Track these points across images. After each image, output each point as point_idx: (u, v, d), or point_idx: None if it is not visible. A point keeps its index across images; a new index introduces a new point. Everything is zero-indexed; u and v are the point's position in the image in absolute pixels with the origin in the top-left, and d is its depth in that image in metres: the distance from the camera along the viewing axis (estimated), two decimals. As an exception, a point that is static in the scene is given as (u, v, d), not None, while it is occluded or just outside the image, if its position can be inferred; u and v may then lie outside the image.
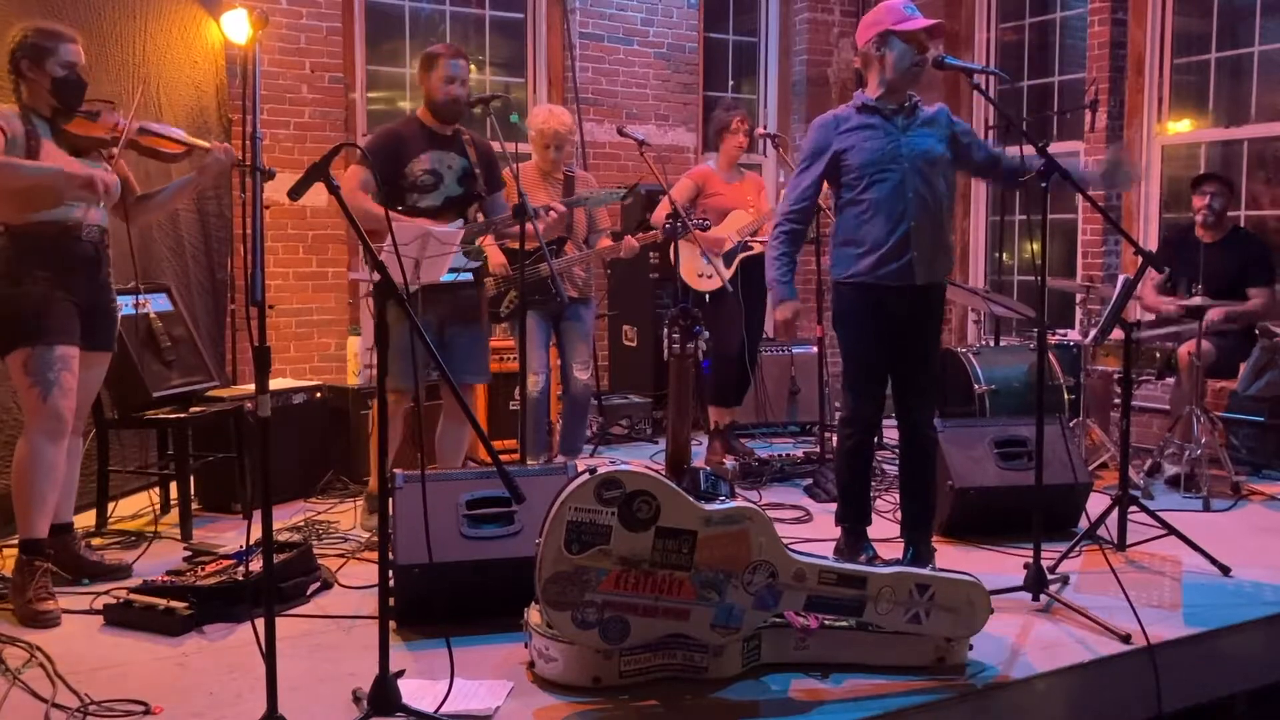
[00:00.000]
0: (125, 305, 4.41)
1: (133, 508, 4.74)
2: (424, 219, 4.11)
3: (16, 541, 3.49)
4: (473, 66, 7.02)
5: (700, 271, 5.44)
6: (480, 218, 4.36)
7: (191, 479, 4.50)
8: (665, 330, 3.13)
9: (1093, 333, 5.16)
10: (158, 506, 4.58)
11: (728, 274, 5.27)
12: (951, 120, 3.80)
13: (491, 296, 5.10)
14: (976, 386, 5.46)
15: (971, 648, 3.07)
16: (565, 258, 5.02)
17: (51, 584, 3.46)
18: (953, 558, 3.95)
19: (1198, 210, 5.61)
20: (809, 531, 4.38)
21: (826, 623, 3.00)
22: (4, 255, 3.42)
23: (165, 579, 3.46)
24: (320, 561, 3.80)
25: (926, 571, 3.07)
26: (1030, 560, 3.51)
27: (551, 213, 4.31)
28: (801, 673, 2.99)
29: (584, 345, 5.20)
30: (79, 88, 3.54)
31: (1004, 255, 7.52)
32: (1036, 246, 3.48)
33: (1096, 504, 4.28)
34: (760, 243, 5.53)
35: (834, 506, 4.00)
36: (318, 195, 2.83)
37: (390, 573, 2.96)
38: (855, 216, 3.70)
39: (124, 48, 4.99)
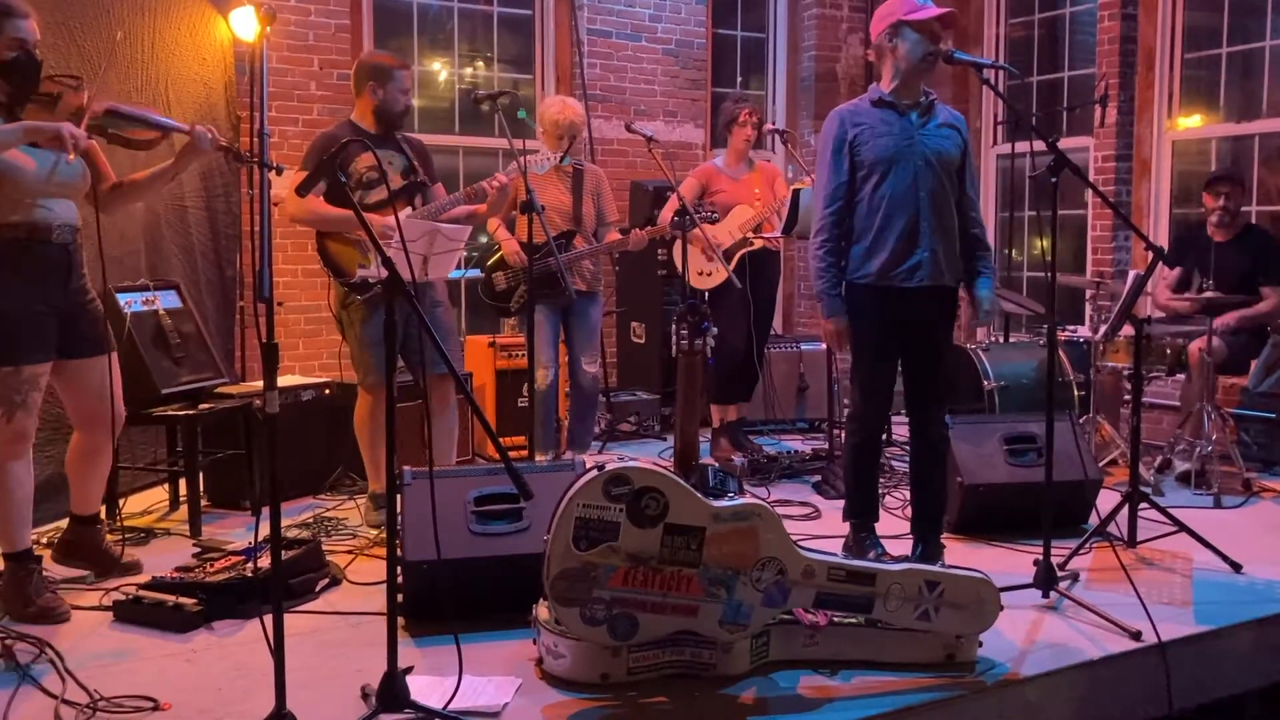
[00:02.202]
0: (135, 302, 4.44)
1: (142, 504, 4.75)
2: (373, 215, 4.11)
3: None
4: (480, 63, 7.09)
5: (700, 269, 5.42)
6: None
7: (200, 475, 4.51)
8: (674, 327, 3.12)
9: (1103, 329, 5.14)
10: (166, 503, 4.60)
11: (730, 268, 5.25)
12: (966, 138, 3.78)
13: (501, 290, 5.10)
14: (986, 383, 5.44)
15: (981, 645, 3.06)
16: (574, 251, 5.02)
17: (49, 584, 3.45)
18: (962, 554, 3.94)
19: (1211, 210, 5.58)
20: (817, 528, 4.38)
21: (835, 620, 3.00)
22: None
23: (174, 575, 3.47)
24: (329, 558, 3.80)
25: (936, 568, 3.07)
26: (1040, 557, 3.50)
27: (494, 185, 4.29)
28: (810, 670, 2.98)
29: (592, 339, 5.21)
30: (32, 70, 3.21)
31: (1013, 251, 7.49)
32: (1046, 242, 3.47)
33: (1107, 501, 4.26)
34: (764, 239, 5.51)
35: (842, 503, 3.99)
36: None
37: (399, 569, 2.96)
38: (866, 214, 3.67)
39: (133, 45, 5.00)
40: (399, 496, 3.28)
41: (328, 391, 5.13)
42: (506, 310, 5.15)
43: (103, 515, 3.89)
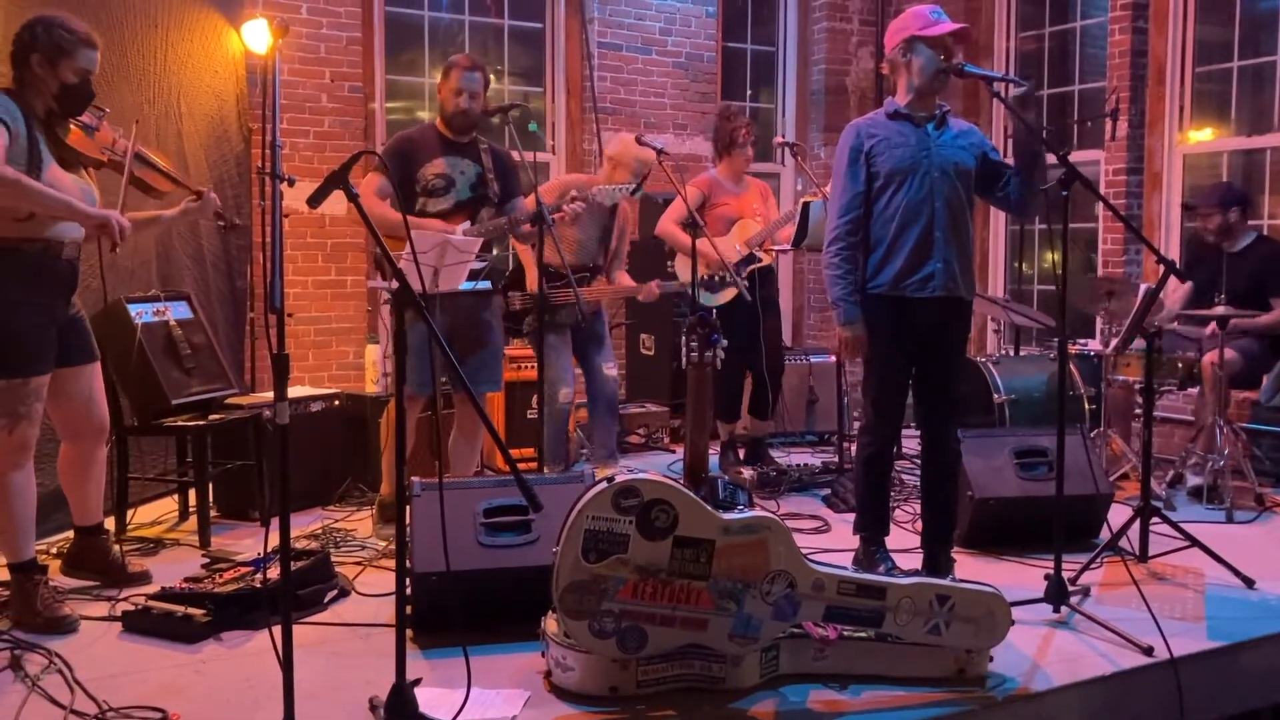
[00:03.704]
0: (146, 313, 4.46)
1: (152, 514, 4.75)
2: (434, 220, 4.14)
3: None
4: (491, 75, 7.11)
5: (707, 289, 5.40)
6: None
7: (210, 486, 4.51)
8: (683, 338, 3.12)
9: (1114, 342, 5.12)
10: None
11: (743, 281, 5.23)
12: (984, 140, 3.79)
13: (515, 311, 5.06)
14: (996, 396, 5.43)
15: (992, 659, 3.05)
16: (593, 287, 5.00)
17: (56, 593, 3.46)
18: (973, 569, 3.92)
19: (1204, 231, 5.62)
20: (827, 541, 4.36)
21: (845, 633, 2.98)
22: None
23: (183, 586, 3.47)
24: (338, 569, 3.80)
25: (946, 582, 3.05)
26: (1051, 571, 3.48)
27: (575, 204, 4.30)
28: (820, 684, 2.97)
29: (604, 345, 5.15)
30: (86, 98, 3.38)
31: (1023, 264, 7.48)
32: (1057, 255, 3.46)
33: (1118, 515, 4.24)
34: (768, 253, 5.48)
35: (852, 516, 3.98)
36: (337, 204, 2.84)
37: (407, 580, 2.95)
38: (881, 224, 3.67)
39: (145, 57, 5.03)
40: (408, 508, 3.28)
41: (337, 403, 5.14)
42: (519, 331, 5.12)
43: (108, 525, 3.89)
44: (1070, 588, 3.53)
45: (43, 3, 4.16)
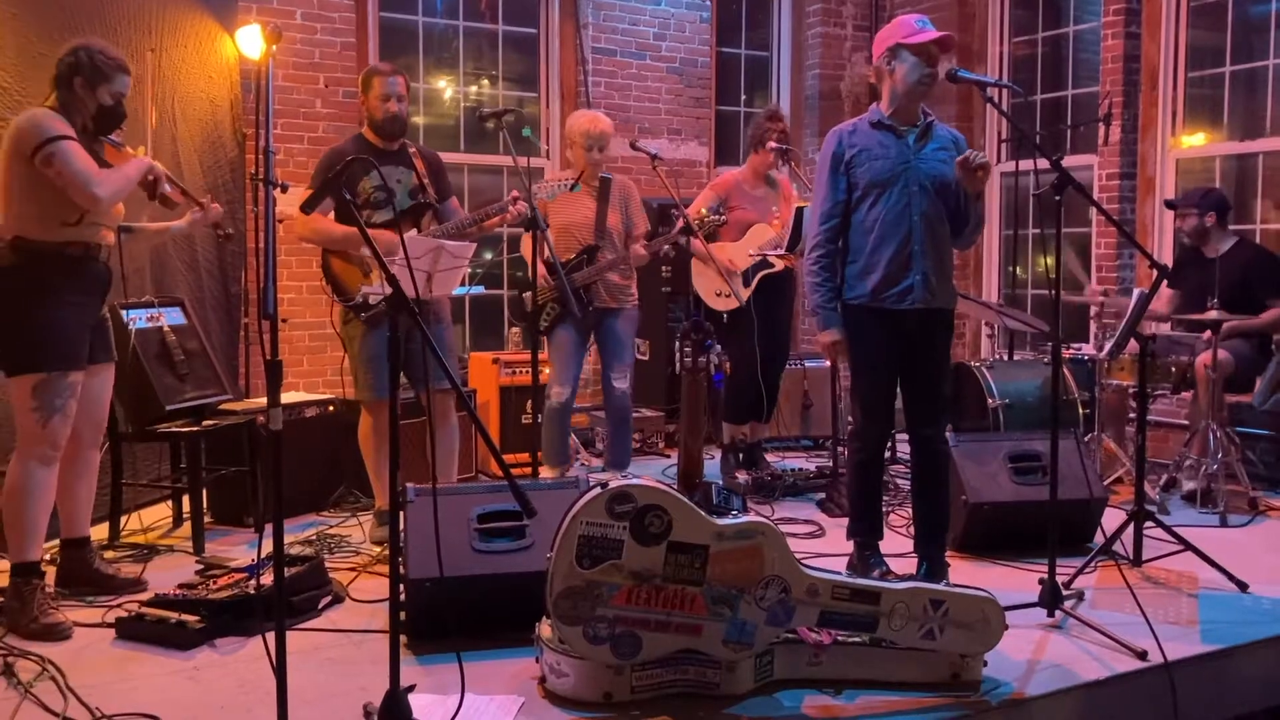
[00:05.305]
0: (140, 319, 4.45)
1: (145, 520, 4.74)
2: (379, 233, 4.13)
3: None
4: (485, 81, 7.12)
5: (718, 291, 5.36)
6: (434, 225, 4.38)
7: (204, 492, 4.51)
8: (677, 344, 3.12)
9: (1108, 346, 5.13)
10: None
11: (745, 294, 5.22)
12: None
13: (530, 310, 5.04)
14: (990, 401, 5.43)
15: (986, 664, 3.05)
16: (594, 265, 4.97)
17: (51, 599, 3.46)
18: (967, 573, 3.92)
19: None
20: (822, 546, 4.36)
21: (840, 639, 2.99)
22: (30, 274, 3.38)
23: (177, 592, 3.47)
24: (331, 575, 3.80)
25: (941, 587, 3.05)
26: (1045, 576, 3.49)
27: (519, 205, 4.30)
28: (815, 689, 2.97)
29: (619, 354, 5.08)
30: (119, 119, 3.58)
31: (1017, 269, 7.50)
32: (1050, 260, 3.47)
33: (1112, 519, 4.25)
34: (779, 256, 5.46)
35: (847, 521, 3.98)
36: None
37: (401, 586, 2.95)
38: (859, 235, 3.71)
39: (140, 64, 5.02)
40: (402, 513, 3.27)
41: (331, 408, 5.13)
42: (538, 328, 5.08)
43: (102, 534, 3.88)
44: (1064, 592, 3.54)
45: (41, 14, 4.20)
